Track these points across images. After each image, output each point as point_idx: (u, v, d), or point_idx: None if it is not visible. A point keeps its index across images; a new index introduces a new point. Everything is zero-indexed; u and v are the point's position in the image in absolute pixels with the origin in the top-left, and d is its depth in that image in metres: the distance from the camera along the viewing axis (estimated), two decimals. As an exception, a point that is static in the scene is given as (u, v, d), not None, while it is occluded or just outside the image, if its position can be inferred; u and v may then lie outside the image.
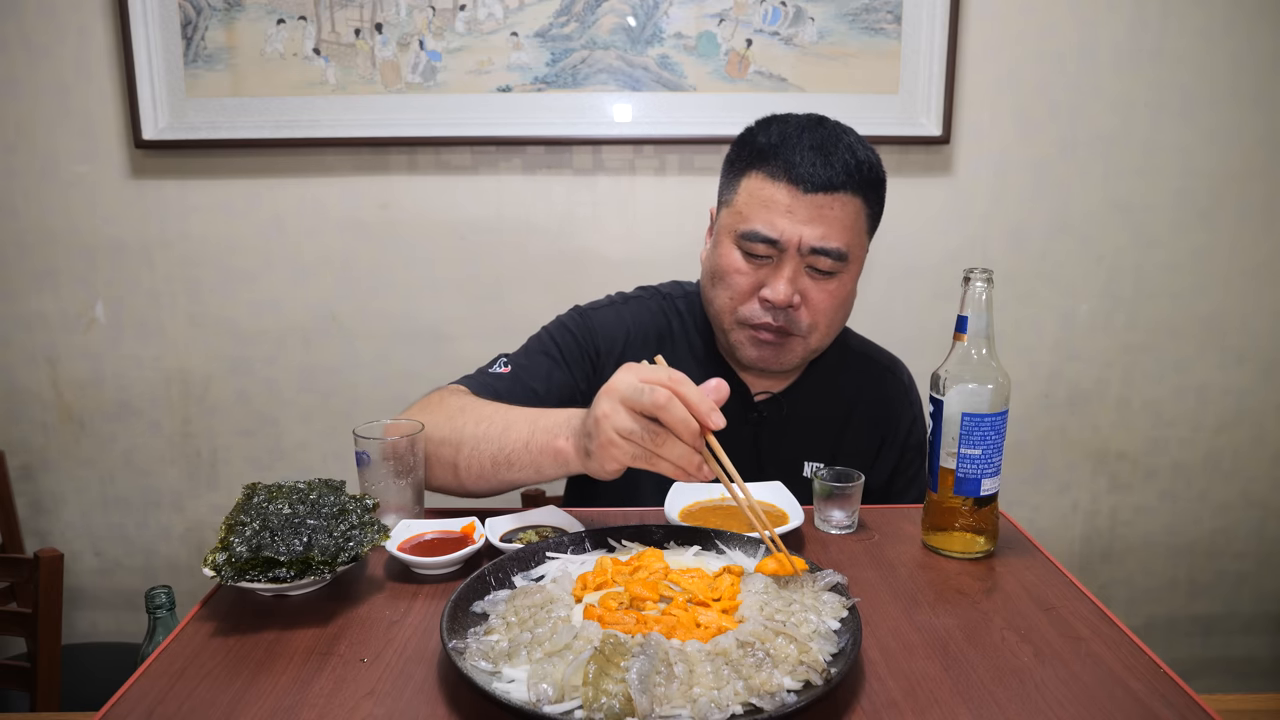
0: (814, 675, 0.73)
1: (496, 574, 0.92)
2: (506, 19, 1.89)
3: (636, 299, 1.38)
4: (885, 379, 1.39)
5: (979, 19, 1.91)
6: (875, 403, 1.37)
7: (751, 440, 1.32)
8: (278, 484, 0.99)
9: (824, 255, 1.16)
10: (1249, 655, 2.27)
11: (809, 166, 1.14)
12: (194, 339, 2.06)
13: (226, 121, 1.93)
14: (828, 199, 1.15)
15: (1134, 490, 2.17)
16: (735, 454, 1.28)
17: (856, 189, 1.17)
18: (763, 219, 1.17)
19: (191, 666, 0.82)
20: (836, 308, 1.22)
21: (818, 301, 1.19)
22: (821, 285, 1.19)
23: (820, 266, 1.17)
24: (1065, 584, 0.98)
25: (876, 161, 1.21)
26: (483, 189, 2.00)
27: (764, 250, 1.18)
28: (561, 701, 0.71)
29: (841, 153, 1.16)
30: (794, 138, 1.17)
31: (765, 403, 1.32)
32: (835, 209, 1.16)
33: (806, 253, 1.16)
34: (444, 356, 2.07)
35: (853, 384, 1.37)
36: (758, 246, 1.17)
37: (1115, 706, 0.76)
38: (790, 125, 1.19)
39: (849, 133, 1.20)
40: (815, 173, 1.14)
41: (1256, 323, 2.09)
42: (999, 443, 1.02)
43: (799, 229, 1.15)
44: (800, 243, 1.16)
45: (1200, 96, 1.97)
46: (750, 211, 1.18)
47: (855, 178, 1.16)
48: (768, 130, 1.20)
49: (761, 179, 1.18)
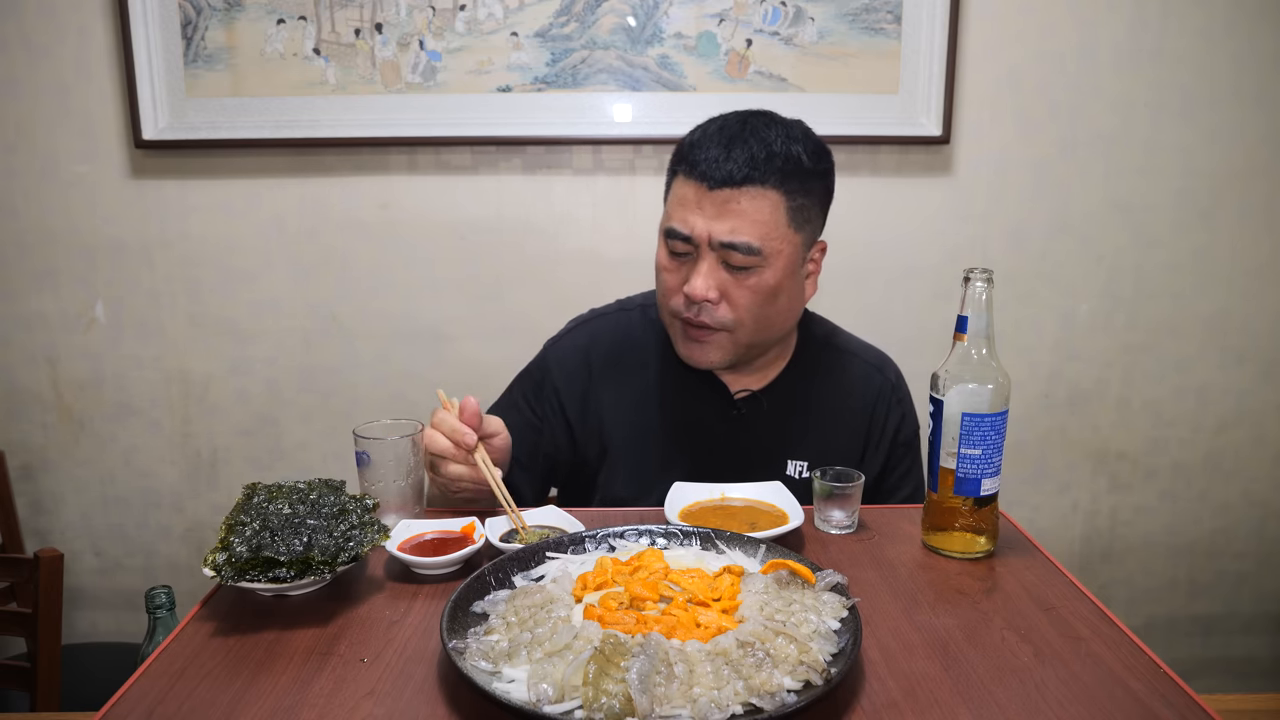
0: (814, 675, 0.73)
1: (496, 574, 0.92)
2: (506, 19, 1.89)
3: (601, 316, 1.41)
4: (872, 377, 1.38)
5: (979, 19, 1.91)
6: (861, 401, 1.36)
7: (732, 438, 1.32)
8: (278, 484, 1.00)
9: (734, 250, 1.16)
10: (1249, 655, 2.27)
11: (711, 163, 1.16)
12: (194, 339, 2.06)
13: (226, 121, 1.93)
14: (734, 193, 1.16)
15: (1134, 490, 2.17)
16: (716, 452, 1.31)
17: (767, 181, 1.16)
18: (678, 216, 1.20)
19: (191, 666, 0.82)
20: (760, 302, 1.20)
21: (737, 297, 1.20)
22: (740, 280, 1.19)
23: (734, 262, 1.18)
24: (1065, 584, 0.98)
25: (805, 153, 1.18)
26: (483, 189, 2.00)
27: (682, 248, 1.20)
28: (561, 701, 0.71)
29: (750, 146, 1.16)
30: (709, 136, 1.18)
31: (744, 400, 1.32)
32: (742, 203, 1.16)
33: (718, 247, 1.17)
34: (444, 356, 2.07)
35: (837, 382, 1.36)
36: (676, 244, 1.20)
37: (1115, 706, 0.76)
38: (713, 124, 1.21)
39: (775, 126, 1.19)
40: (717, 168, 1.16)
41: (1257, 323, 2.09)
42: (999, 443, 1.02)
43: (708, 225, 1.17)
44: (710, 238, 1.17)
45: (1200, 96, 1.97)
46: (671, 210, 1.22)
47: (763, 170, 1.15)
48: (694, 132, 1.22)
49: (680, 179, 1.21)
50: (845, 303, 2.03)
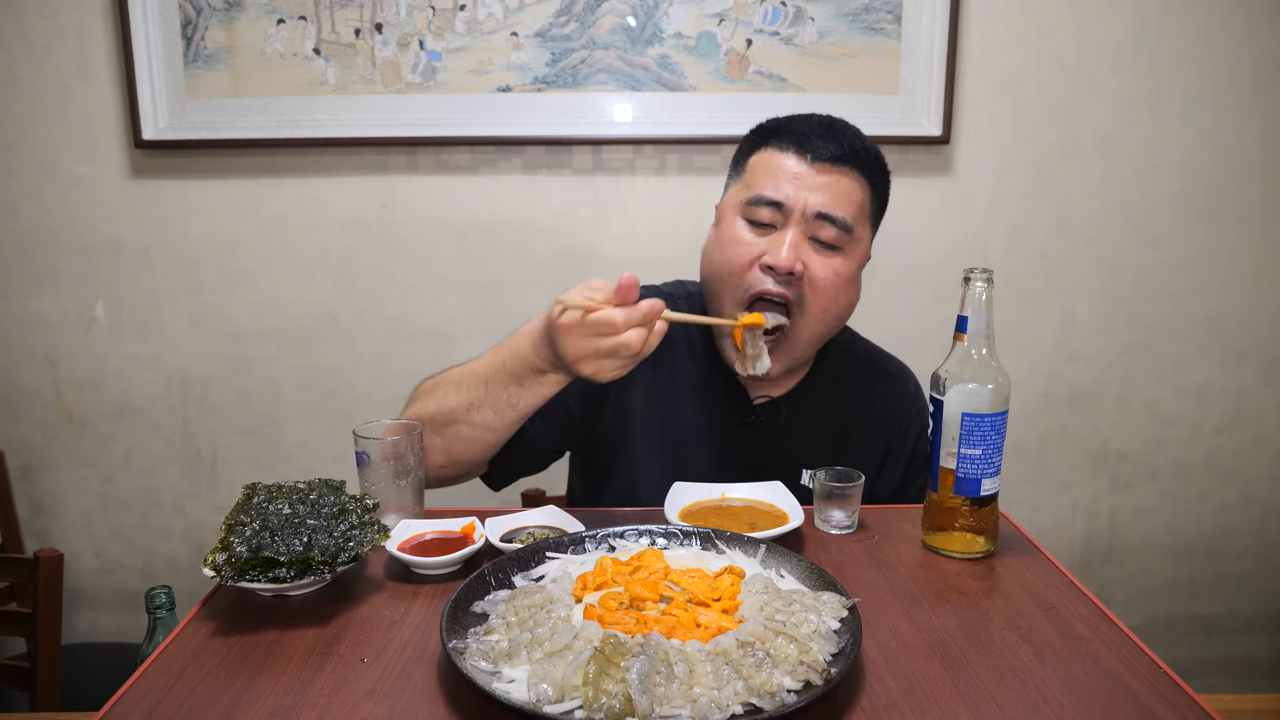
0: (814, 675, 0.73)
1: (496, 574, 0.92)
2: (506, 19, 1.89)
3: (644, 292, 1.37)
4: (892, 388, 1.37)
5: (979, 19, 1.91)
6: (880, 412, 1.35)
7: (748, 444, 1.30)
8: (278, 484, 0.99)
9: (829, 222, 1.16)
10: (1249, 655, 2.27)
11: (818, 139, 1.18)
12: (194, 339, 2.06)
13: (226, 121, 1.93)
14: (835, 170, 1.18)
15: (1134, 490, 2.17)
16: (730, 457, 1.29)
17: (863, 170, 1.20)
18: (769, 184, 1.19)
19: (191, 666, 0.82)
20: (839, 288, 1.19)
21: (820, 276, 1.17)
22: (825, 259, 1.18)
23: (823, 237, 1.17)
24: (1065, 584, 0.98)
25: (881, 155, 1.25)
26: (483, 189, 2.00)
27: (769, 216, 1.18)
28: (561, 701, 0.71)
29: (850, 134, 1.21)
30: (806, 120, 1.22)
31: (763, 406, 1.31)
32: (842, 182, 1.18)
33: (811, 218, 1.17)
34: (444, 356, 2.07)
35: (857, 392, 1.35)
36: (762, 212, 1.18)
37: (1115, 706, 0.76)
38: (802, 114, 1.24)
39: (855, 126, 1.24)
40: (824, 145, 1.18)
41: (1256, 323, 2.09)
42: (999, 443, 1.02)
43: (805, 194, 1.17)
44: (806, 207, 1.16)
45: (1200, 96, 1.97)
46: (757, 180, 1.21)
47: (862, 158, 1.20)
48: (778, 118, 1.25)
49: (771, 151, 1.21)
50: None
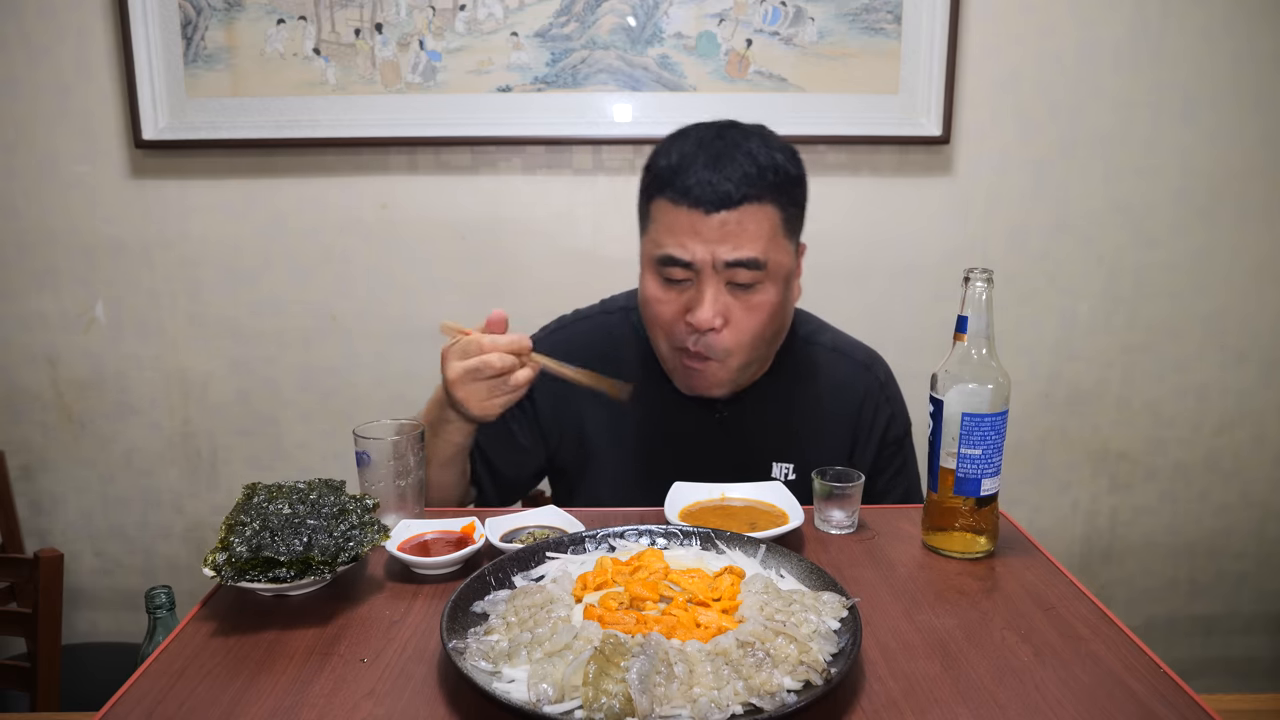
0: (814, 675, 0.73)
1: (496, 574, 0.92)
2: (506, 19, 1.89)
3: (584, 319, 1.38)
4: (858, 376, 1.35)
5: (979, 19, 1.91)
6: (848, 401, 1.34)
7: (716, 444, 1.30)
8: (278, 484, 0.99)
9: (741, 267, 1.14)
10: (1249, 655, 2.27)
11: (704, 186, 1.12)
12: (194, 339, 2.06)
13: (226, 121, 1.93)
14: (732, 214, 1.13)
15: (1134, 490, 2.17)
16: (700, 459, 1.29)
17: (762, 197, 1.14)
18: (673, 243, 1.15)
19: (191, 666, 0.82)
20: (764, 322, 1.19)
21: (741, 320, 1.17)
22: (746, 300, 1.16)
23: (740, 280, 1.15)
24: (1065, 584, 0.98)
25: (785, 161, 1.17)
26: (483, 189, 2.00)
27: (681, 274, 1.16)
28: (561, 701, 0.71)
29: (740, 164, 1.13)
30: (691, 156, 1.15)
31: (726, 405, 1.30)
32: (743, 222, 1.14)
33: (723, 268, 1.14)
34: (444, 356, 2.07)
35: (822, 383, 1.34)
36: (674, 271, 1.16)
37: (1115, 706, 0.76)
38: (689, 142, 1.17)
39: (753, 137, 1.17)
40: (711, 191, 1.12)
41: (1257, 323, 2.09)
42: (999, 443, 1.02)
43: (710, 248, 1.14)
44: (714, 259, 1.14)
45: (1200, 96, 1.97)
46: (661, 237, 1.17)
47: (758, 185, 1.14)
48: (668, 152, 1.18)
49: (666, 204, 1.16)
50: (845, 303, 2.02)
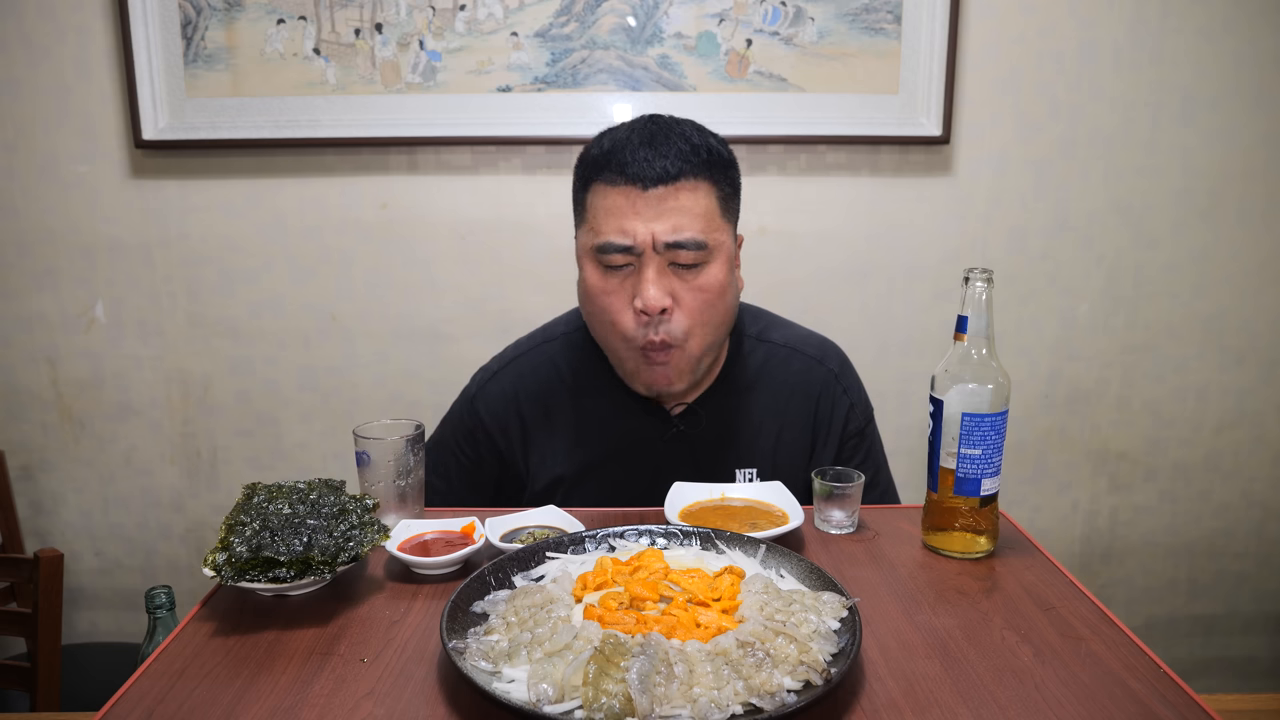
0: (814, 675, 0.73)
1: (496, 574, 0.92)
2: (506, 19, 1.89)
3: (524, 354, 1.35)
4: (812, 370, 1.32)
5: (979, 19, 1.91)
6: (803, 397, 1.31)
7: (676, 456, 1.28)
8: (278, 484, 1.00)
9: (681, 248, 1.13)
10: (1249, 655, 2.27)
11: (642, 163, 1.12)
12: (194, 339, 2.06)
13: (226, 121, 1.93)
14: (670, 190, 1.12)
15: (1134, 490, 2.17)
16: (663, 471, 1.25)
17: (700, 174, 1.14)
18: (612, 227, 1.13)
19: (191, 666, 0.82)
20: (711, 302, 1.16)
21: (688, 302, 1.15)
22: (690, 281, 1.15)
23: (682, 261, 1.13)
24: (1065, 584, 0.98)
25: (718, 145, 1.18)
26: (483, 189, 2.00)
27: (621, 260, 1.14)
28: (561, 701, 0.71)
29: (675, 141, 1.14)
30: (625, 140, 1.15)
31: (681, 416, 1.28)
32: (681, 198, 1.13)
33: (663, 249, 1.13)
34: (444, 356, 2.07)
35: (775, 381, 1.32)
36: (615, 257, 1.14)
37: (1115, 706, 0.76)
38: (621, 129, 1.18)
39: (684, 123, 1.18)
40: (649, 167, 1.11)
41: (1256, 323, 2.09)
42: (999, 443, 1.02)
43: (650, 226, 1.12)
44: (654, 240, 1.12)
45: (1200, 96, 1.97)
46: (599, 223, 1.15)
47: (694, 162, 1.13)
48: (600, 142, 1.18)
49: (603, 187, 1.15)
50: (846, 303, 2.03)
